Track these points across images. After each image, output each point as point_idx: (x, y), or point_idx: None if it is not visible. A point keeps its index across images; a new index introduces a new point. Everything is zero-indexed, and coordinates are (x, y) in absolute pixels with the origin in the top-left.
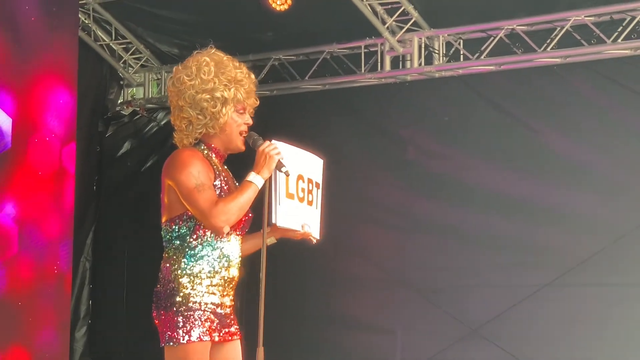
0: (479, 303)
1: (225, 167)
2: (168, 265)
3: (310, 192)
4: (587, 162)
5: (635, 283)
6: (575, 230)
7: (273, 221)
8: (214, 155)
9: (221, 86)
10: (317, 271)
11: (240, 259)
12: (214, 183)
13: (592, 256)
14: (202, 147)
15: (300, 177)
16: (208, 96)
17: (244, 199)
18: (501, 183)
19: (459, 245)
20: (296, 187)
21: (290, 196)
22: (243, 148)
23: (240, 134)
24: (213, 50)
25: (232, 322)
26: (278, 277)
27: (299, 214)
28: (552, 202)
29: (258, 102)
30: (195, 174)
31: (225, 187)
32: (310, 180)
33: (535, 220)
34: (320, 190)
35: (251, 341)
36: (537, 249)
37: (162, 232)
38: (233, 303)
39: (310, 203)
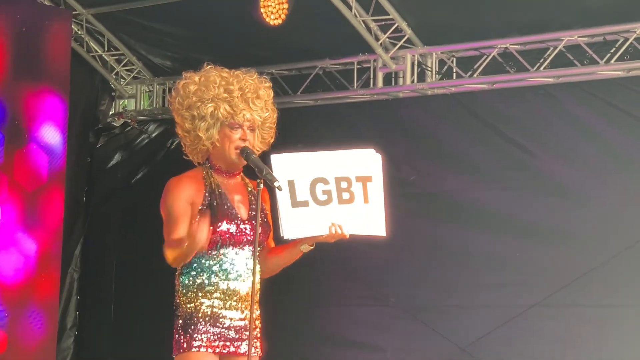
0: (468, 322)
1: (247, 181)
2: (175, 277)
3: (345, 190)
4: (579, 182)
5: (625, 304)
6: (565, 250)
7: (281, 234)
8: (214, 173)
9: (199, 103)
10: (307, 288)
11: (249, 272)
12: (203, 202)
13: (582, 276)
14: (207, 166)
15: (320, 181)
16: (187, 114)
17: (188, 239)
18: (492, 201)
19: (449, 264)
20: (312, 191)
21: (300, 204)
22: (241, 162)
23: (236, 148)
24: (208, 67)
25: (245, 337)
26: (269, 294)
27: (320, 218)
28: (543, 221)
29: (265, 116)
30: (169, 203)
31: (215, 204)
32: (344, 179)
33: (526, 240)
34: (374, 184)
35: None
36: (527, 268)
37: None
38: (245, 317)
39: (347, 201)
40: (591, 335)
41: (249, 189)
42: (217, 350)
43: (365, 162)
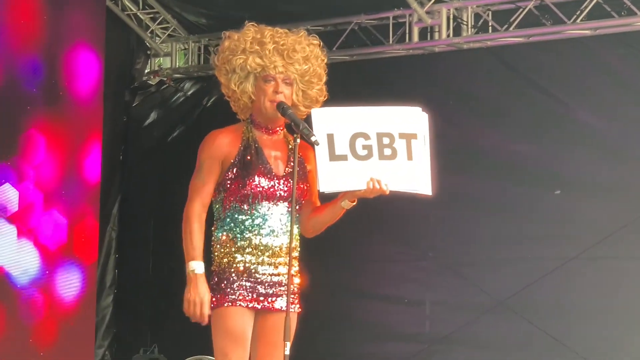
0: (507, 275)
1: (289, 137)
2: (212, 232)
3: (387, 145)
4: (617, 134)
5: None
6: (605, 203)
7: (318, 187)
8: (254, 128)
9: (230, 56)
10: (345, 245)
11: (284, 227)
12: (234, 159)
13: (622, 228)
14: (249, 121)
15: (360, 135)
16: (223, 69)
17: (184, 244)
18: (530, 155)
19: (488, 218)
20: (351, 146)
21: (338, 158)
22: (276, 115)
23: (272, 102)
24: (249, 24)
25: (282, 292)
26: (308, 253)
27: (359, 173)
28: (581, 174)
29: (304, 69)
30: (202, 158)
31: (248, 159)
32: (387, 134)
33: (565, 193)
34: (418, 141)
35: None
36: (566, 221)
37: None
38: (282, 272)
39: (389, 157)
40: (631, 287)
41: (290, 146)
42: (251, 305)
43: (410, 120)
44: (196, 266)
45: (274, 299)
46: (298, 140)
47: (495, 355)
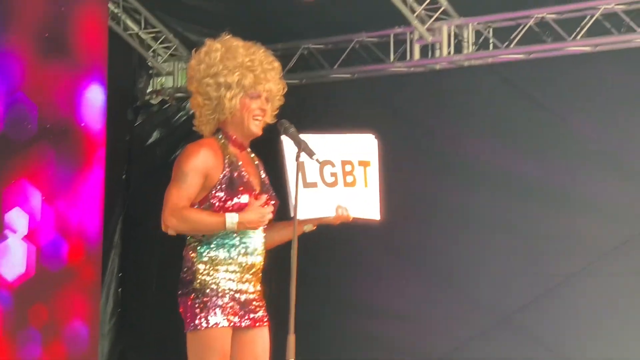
0: (509, 291)
1: (253, 155)
2: (188, 251)
3: (349, 173)
4: (618, 150)
5: None
6: (606, 218)
7: (291, 214)
8: (230, 144)
9: (225, 71)
10: (341, 259)
11: (262, 246)
12: (221, 174)
13: (624, 243)
14: (220, 136)
15: (328, 163)
16: (212, 81)
17: (204, 224)
18: (531, 171)
19: (489, 234)
20: (320, 173)
21: (310, 185)
22: (258, 132)
23: (254, 118)
24: (227, 37)
25: (258, 308)
26: (303, 266)
27: (328, 200)
28: (583, 190)
29: (278, 88)
30: (185, 170)
31: (235, 175)
32: (348, 162)
33: (567, 209)
34: (372, 168)
35: (279, 328)
36: (568, 236)
37: None
38: (258, 289)
39: (350, 184)
40: (632, 302)
41: (256, 162)
42: (234, 323)
43: (365, 147)
44: (230, 217)
45: (253, 315)
46: (300, 159)
47: None
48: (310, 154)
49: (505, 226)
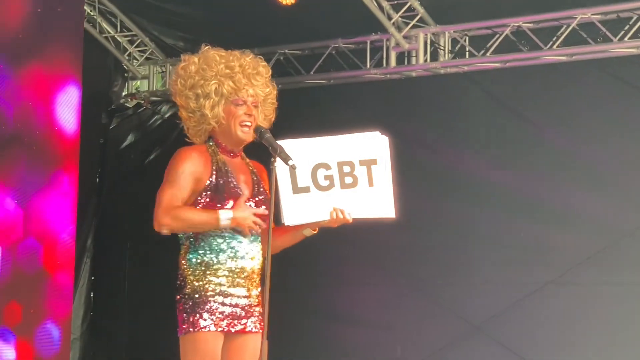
0: (481, 300)
1: (247, 160)
2: (180, 258)
3: (348, 174)
4: (592, 160)
5: (639, 282)
6: (579, 228)
7: (282, 221)
8: (219, 151)
9: (202, 81)
10: (315, 267)
11: (255, 251)
12: (208, 180)
13: (596, 254)
14: (211, 144)
15: (321, 166)
16: (190, 93)
17: (197, 222)
18: (505, 180)
19: (462, 242)
20: (313, 177)
21: (301, 190)
22: (247, 139)
23: (241, 124)
24: (206, 48)
25: (250, 314)
26: (283, 273)
27: (322, 204)
28: (556, 200)
29: (266, 92)
30: (178, 171)
31: (221, 182)
32: (347, 163)
33: (539, 218)
34: (379, 166)
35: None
36: (541, 246)
37: None
38: (254, 294)
39: (350, 185)
40: (606, 312)
41: (251, 168)
42: (224, 328)
43: (369, 145)
44: (224, 214)
45: (245, 321)
46: (276, 165)
47: None
48: (286, 159)
49: (478, 235)
